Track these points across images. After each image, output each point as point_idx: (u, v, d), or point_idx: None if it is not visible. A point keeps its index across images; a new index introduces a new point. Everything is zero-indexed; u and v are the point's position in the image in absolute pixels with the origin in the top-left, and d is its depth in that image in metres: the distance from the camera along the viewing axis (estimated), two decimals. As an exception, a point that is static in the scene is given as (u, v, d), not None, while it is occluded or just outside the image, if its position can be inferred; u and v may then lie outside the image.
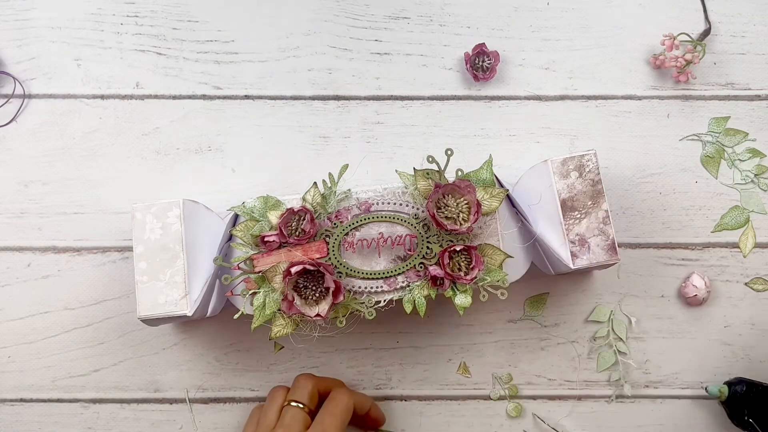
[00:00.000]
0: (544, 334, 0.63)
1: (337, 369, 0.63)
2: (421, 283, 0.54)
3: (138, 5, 0.64)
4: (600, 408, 0.63)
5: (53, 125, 0.63)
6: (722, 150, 0.64)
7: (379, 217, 0.54)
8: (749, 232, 0.63)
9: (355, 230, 0.54)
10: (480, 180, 0.55)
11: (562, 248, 0.55)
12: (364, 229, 0.54)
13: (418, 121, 0.64)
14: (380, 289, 0.54)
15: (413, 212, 0.54)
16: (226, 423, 0.63)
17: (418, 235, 0.54)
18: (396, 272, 0.54)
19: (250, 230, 0.53)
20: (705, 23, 0.64)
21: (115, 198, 0.63)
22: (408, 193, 0.54)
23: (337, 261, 0.54)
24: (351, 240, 0.54)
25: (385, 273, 0.54)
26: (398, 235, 0.54)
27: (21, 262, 0.63)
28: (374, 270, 0.54)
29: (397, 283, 0.54)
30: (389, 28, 0.64)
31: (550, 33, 0.64)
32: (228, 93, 0.64)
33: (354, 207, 0.54)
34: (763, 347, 0.63)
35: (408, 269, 0.54)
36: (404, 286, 0.54)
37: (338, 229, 0.54)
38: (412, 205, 0.54)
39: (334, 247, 0.54)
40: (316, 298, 0.52)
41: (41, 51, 0.64)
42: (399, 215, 0.54)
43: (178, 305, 0.54)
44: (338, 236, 0.54)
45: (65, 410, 0.62)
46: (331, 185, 0.54)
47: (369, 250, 0.54)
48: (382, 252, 0.54)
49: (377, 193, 0.55)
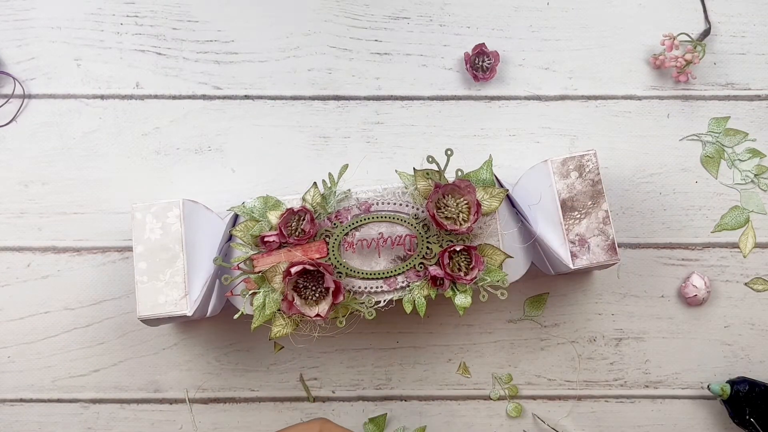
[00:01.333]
0: (544, 334, 0.63)
1: (337, 369, 0.63)
2: (421, 284, 0.54)
3: (138, 5, 0.64)
4: (600, 408, 0.63)
5: (53, 125, 0.63)
6: (722, 150, 0.64)
7: (379, 218, 0.54)
8: (749, 232, 0.63)
9: (355, 230, 0.54)
10: (480, 180, 0.55)
11: (561, 248, 0.55)
12: (364, 229, 0.54)
13: (418, 121, 0.64)
14: (380, 289, 0.54)
15: (413, 212, 0.54)
16: (226, 423, 0.62)
17: (418, 235, 0.54)
18: (396, 272, 0.54)
19: (250, 230, 0.53)
20: (705, 23, 0.64)
21: (115, 198, 0.63)
22: (408, 193, 0.54)
23: (337, 261, 0.54)
24: (351, 240, 0.54)
25: (385, 273, 0.54)
26: (398, 235, 0.54)
27: (21, 262, 0.63)
28: (374, 270, 0.54)
29: (397, 283, 0.54)
30: (389, 28, 0.64)
31: (550, 33, 0.64)
32: (228, 93, 0.64)
33: (354, 207, 0.54)
34: (763, 347, 0.63)
35: (408, 269, 0.54)
36: (404, 286, 0.54)
37: (338, 230, 0.54)
38: (412, 205, 0.54)
39: (334, 248, 0.54)
40: (316, 298, 0.52)
41: (41, 51, 0.63)
42: (399, 215, 0.54)
43: (178, 305, 0.54)
44: (338, 236, 0.54)
45: (65, 410, 0.62)
46: (331, 185, 0.54)
47: (369, 250, 0.54)
48: (382, 252, 0.54)
49: (377, 193, 0.55)
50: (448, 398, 0.63)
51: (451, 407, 0.63)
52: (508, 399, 0.63)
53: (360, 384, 0.63)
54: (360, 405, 0.63)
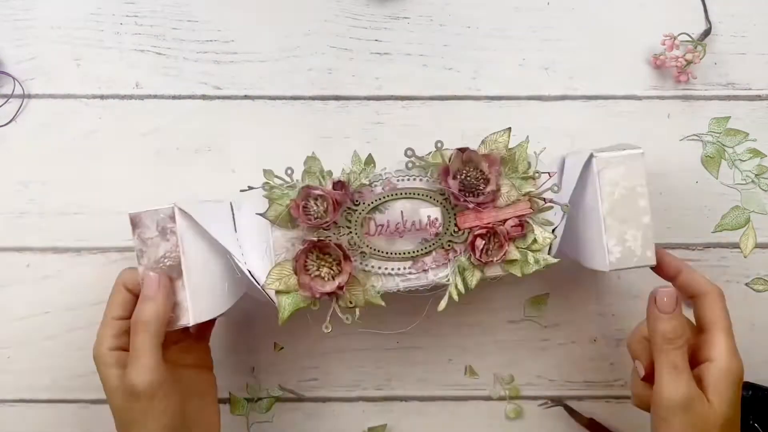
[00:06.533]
0: (544, 335, 0.63)
1: (337, 369, 0.63)
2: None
3: (138, 5, 0.64)
4: (600, 408, 0.63)
5: (53, 125, 0.63)
6: (723, 150, 0.64)
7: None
8: (750, 232, 0.63)
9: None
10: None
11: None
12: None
13: (418, 121, 0.64)
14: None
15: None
16: (225, 424, 0.62)
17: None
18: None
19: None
20: (705, 23, 0.64)
21: (115, 198, 0.63)
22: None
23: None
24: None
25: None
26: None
27: (21, 262, 0.63)
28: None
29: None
30: (389, 28, 0.64)
31: (550, 33, 0.64)
32: (228, 93, 0.64)
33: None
34: (763, 347, 0.63)
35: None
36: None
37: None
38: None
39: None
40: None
41: (41, 51, 0.63)
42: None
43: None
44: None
45: (65, 410, 0.62)
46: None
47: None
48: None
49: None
50: (448, 399, 0.63)
51: (452, 408, 0.63)
52: (507, 399, 0.63)
53: (360, 384, 0.63)
54: (360, 405, 0.63)
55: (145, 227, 0.52)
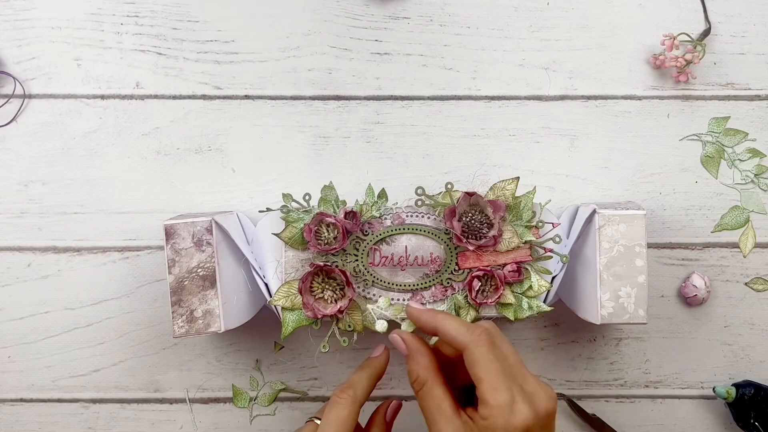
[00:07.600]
0: (544, 334, 0.63)
1: (337, 369, 0.63)
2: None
3: (138, 5, 0.64)
4: (600, 408, 0.63)
5: (53, 125, 0.63)
6: (722, 150, 0.64)
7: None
8: (749, 232, 0.63)
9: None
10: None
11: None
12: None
13: (418, 121, 0.64)
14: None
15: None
16: (226, 423, 0.62)
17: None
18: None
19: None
20: (705, 23, 0.64)
21: (115, 198, 0.63)
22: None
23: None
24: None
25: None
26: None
27: (21, 262, 0.63)
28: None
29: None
30: (389, 28, 0.64)
31: (550, 33, 0.64)
32: (228, 93, 0.64)
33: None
34: (763, 347, 0.63)
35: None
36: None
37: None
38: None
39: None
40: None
41: (41, 51, 0.63)
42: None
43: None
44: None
45: (65, 410, 0.62)
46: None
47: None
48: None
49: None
50: (448, 398, 0.63)
51: (451, 407, 0.63)
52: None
53: (360, 384, 0.63)
54: (360, 405, 0.63)
55: (180, 238, 0.53)
